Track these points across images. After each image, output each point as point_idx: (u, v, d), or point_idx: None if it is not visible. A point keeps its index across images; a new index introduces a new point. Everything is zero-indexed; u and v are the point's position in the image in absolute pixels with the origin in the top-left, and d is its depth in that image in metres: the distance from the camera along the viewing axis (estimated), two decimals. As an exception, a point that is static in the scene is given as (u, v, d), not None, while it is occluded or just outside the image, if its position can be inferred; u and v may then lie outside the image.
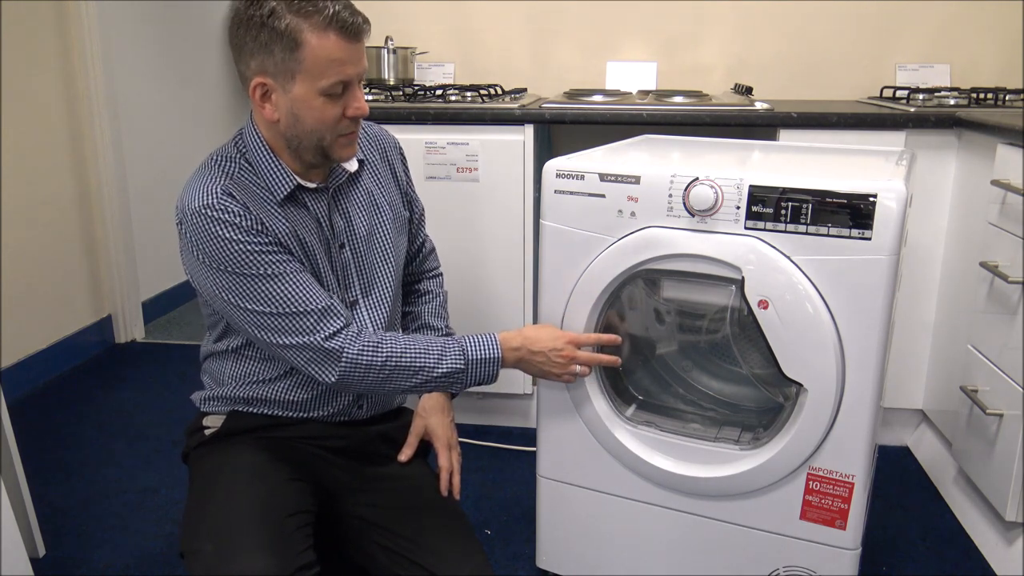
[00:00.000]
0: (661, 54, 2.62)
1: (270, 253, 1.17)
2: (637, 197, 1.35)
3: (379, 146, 1.41)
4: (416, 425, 1.42)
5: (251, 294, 1.17)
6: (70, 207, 2.90)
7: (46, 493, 2.03)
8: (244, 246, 1.16)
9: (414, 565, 1.26)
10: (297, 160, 1.23)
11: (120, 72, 3.07)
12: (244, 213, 1.16)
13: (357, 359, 1.19)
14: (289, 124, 1.18)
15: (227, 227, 1.15)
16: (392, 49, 2.49)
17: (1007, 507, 1.65)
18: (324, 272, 1.27)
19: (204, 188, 1.17)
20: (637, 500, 1.48)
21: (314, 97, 1.15)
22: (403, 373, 1.21)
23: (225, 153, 1.23)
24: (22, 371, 2.66)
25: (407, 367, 1.21)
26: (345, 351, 1.19)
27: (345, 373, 1.19)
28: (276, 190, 1.22)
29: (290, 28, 1.10)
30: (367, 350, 1.19)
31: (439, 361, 1.22)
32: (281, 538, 1.16)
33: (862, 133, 2.02)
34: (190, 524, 1.22)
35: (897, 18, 2.50)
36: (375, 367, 1.20)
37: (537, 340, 1.31)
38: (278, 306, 1.17)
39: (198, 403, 1.37)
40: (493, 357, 1.25)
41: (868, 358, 1.25)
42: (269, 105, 1.17)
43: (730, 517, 1.41)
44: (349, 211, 1.31)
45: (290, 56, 1.12)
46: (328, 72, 1.13)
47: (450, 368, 1.23)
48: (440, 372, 1.23)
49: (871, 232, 1.21)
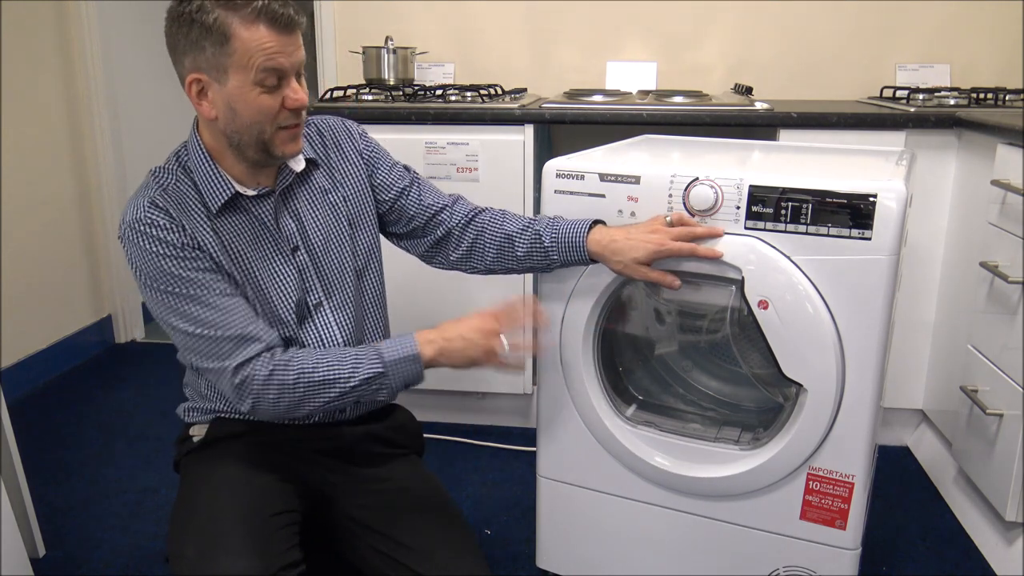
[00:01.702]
0: (661, 54, 2.62)
1: (196, 270, 1.16)
2: (637, 197, 1.35)
3: (333, 140, 1.37)
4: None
5: (176, 311, 1.16)
6: (70, 207, 2.90)
7: (46, 493, 2.03)
8: (169, 262, 1.15)
9: (405, 568, 1.26)
10: (242, 160, 1.21)
11: (120, 72, 3.07)
12: (171, 226, 1.16)
13: (267, 382, 1.15)
14: (228, 120, 1.16)
15: (154, 242, 1.15)
16: (392, 49, 2.49)
17: (1007, 507, 1.65)
18: (276, 278, 1.25)
19: (136, 201, 1.17)
20: (637, 500, 1.48)
21: (249, 89, 1.13)
22: (318, 388, 1.17)
23: (165, 165, 1.23)
24: (22, 371, 2.66)
25: (321, 381, 1.17)
26: (254, 378, 1.15)
27: (257, 399, 1.16)
28: (213, 199, 1.20)
29: (219, 22, 1.10)
30: (277, 371, 1.16)
31: (354, 370, 1.18)
32: (264, 538, 1.16)
33: (862, 133, 2.02)
34: (174, 528, 1.22)
35: (897, 18, 2.50)
36: (287, 386, 1.16)
37: (453, 326, 1.23)
38: (199, 327, 1.16)
39: (182, 415, 1.37)
40: (410, 355, 1.19)
41: (868, 358, 1.25)
42: (206, 102, 1.16)
43: (730, 517, 1.41)
44: (300, 212, 1.29)
45: (220, 50, 1.11)
46: (258, 63, 1.11)
47: (368, 374, 1.18)
48: (358, 380, 1.18)
49: (871, 232, 1.21)
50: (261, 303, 1.24)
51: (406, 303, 2.07)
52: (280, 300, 1.26)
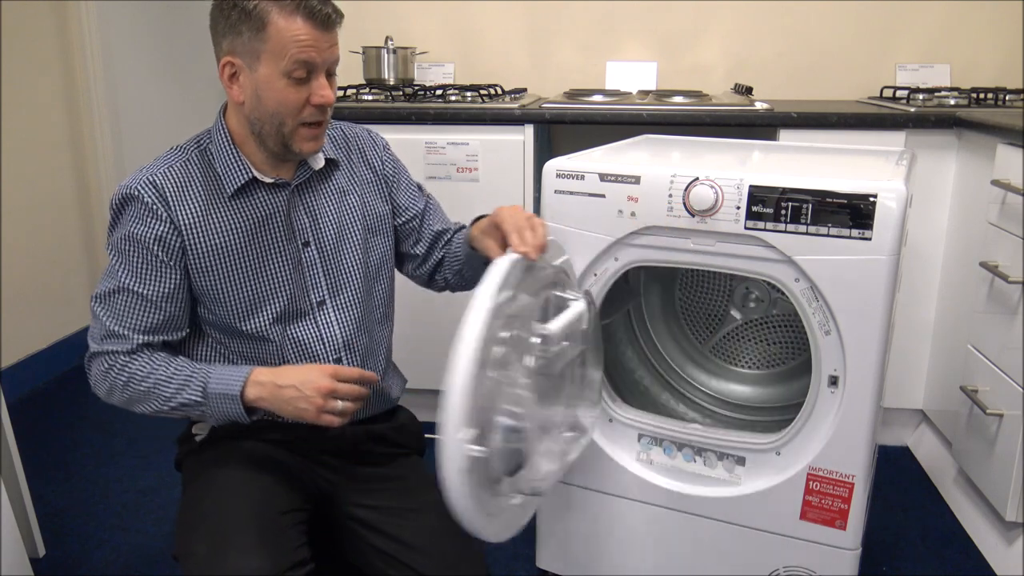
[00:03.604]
0: (661, 54, 2.62)
1: (149, 256, 1.20)
2: (637, 197, 1.35)
3: (359, 149, 1.39)
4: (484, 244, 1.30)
5: (112, 271, 1.22)
6: (70, 207, 2.90)
7: (46, 493, 2.03)
8: (138, 230, 1.19)
9: (406, 567, 1.26)
10: (262, 149, 1.23)
11: (120, 72, 3.07)
12: (154, 211, 1.19)
13: (104, 375, 1.21)
14: (253, 106, 1.18)
15: (133, 216, 1.19)
16: (392, 49, 2.49)
17: (1007, 507, 1.65)
18: (271, 270, 1.26)
19: (138, 174, 1.21)
20: (637, 500, 1.48)
21: (277, 78, 1.15)
22: (143, 396, 1.20)
23: (183, 145, 1.26)
24: (22, 371, 2.66)
25: (146, 392, 1.20)
26: (97, 368, 1.22)
27: (94, 385, 1.23)
28: (228, 182, 1.22)
29: (258, 9, 1.13)
30: (114, 369, 1.21)
31: (177, 392, 1.19)
32: (273, 537, 1.16)
33: (862, 133, 2.02)
34: (183, 527, 1.23)
35: (897, 18, 2.50)
36: (117, 386, 1.21)
37: (290, 373, 1.18)
38: (106, 303, 1.22)
39: None
40: (232, 393, 1.17)
41: (868, 358, 1.25)
42: (236, 86, 1.18)
43: (730, 517, 1.41)
44: (316, 209, 1.30)
45: (256, 36, 1.14)
46: (290, 54, 1.14)
47: (187, 400, 1.19)
48: (176, 403, 1.20)
49: (871, 232, 1.21)
50: (248, 291, 1.25)
51: (413, 313, 2.06)
52: (268, 292, 1.26)
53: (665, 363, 1.70)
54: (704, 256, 1.33)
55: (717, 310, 1.68)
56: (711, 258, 1.33)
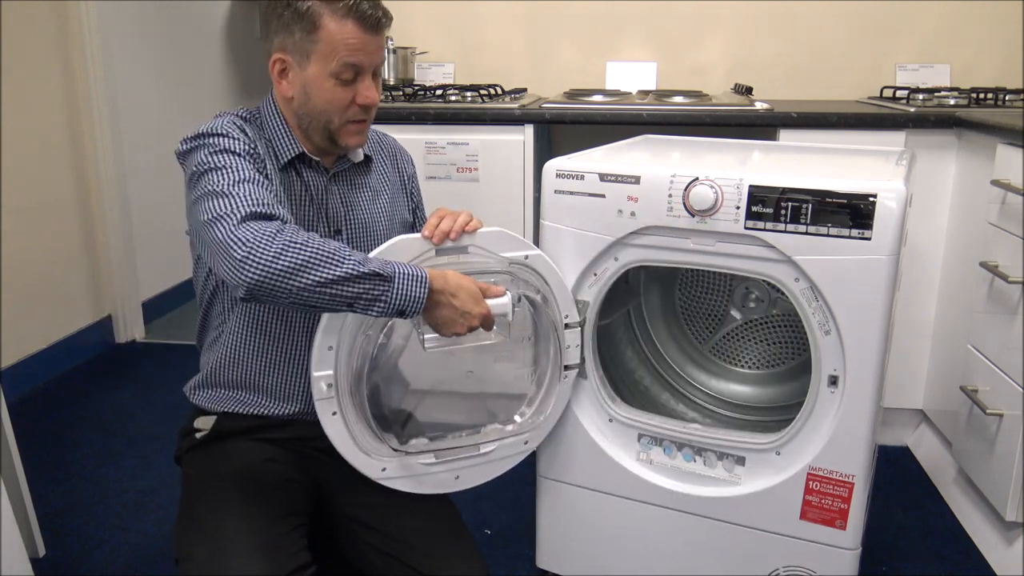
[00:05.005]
0: (661, 54, 2.62)
1: (253, 167, 1.15)
2: (637, 197, 1.35)
3: (391, 154, 1.45)
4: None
5: (211, 183, 1.11)
6: (70, 207, 2.90)
7: (46, 493, 2.03)
8: (229, 157, 1.15)
9: (405, 566, 1.26)
10: (307, 141, 1.28)
11: (120, 72, 3.07)
12: (247, 140, 1.19)
13: (274, 236, 1.04)
14: (301, 102, 1.23)
15: (230, 139, 1.17)
16: (392, 49, 2.49)
17: (1007, 507, 1.65)
18: None
19: (219, 118, 1.22)
20: (637, 500, 1.48)
21: (325, 79, 1.20)
22: (324, 259, 1.05)
23: (239, 111, 1.28)
24: (22, 371, 2.66)
25: (330, 253, 1.06)
26: (260, 228, 1.05)
27: (253, 248, 1.03)
28: (280, 153, 1.26)
29: (311, 11, 1.17)
30: (287, 230, 1.06)
31: (365, 262, 1.07)
32: (274, 541, 1.16)
33: (862, 133, 2.02)
34: (182, 529, 1.22)
35: (897, 18, 2.50)
36: (293, 244, 1.04)
37: (456, 278, 1.16)
38: (224, 192, 1.09)
39: (188, 392, 1.37)
40: (420, 275, 1.11)
41: (868, 358, 1.25)
42: (285, 82, 1.23)
43: (730, 517, 1.41)
44: (350, 200, 1.33)
45: (307, 37, 1.18)
46: (340, 56, 1.18)
47: (376, 270, 1.08)
48: (366, 269, 1.07)
49: (871, 232, 1.21)
50: None
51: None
52: None
53: (665, 363, 1.70)
54: (704, 256, 1.33)
55: (717, 310, 1.69)
56: (711, 258, 1.33)
